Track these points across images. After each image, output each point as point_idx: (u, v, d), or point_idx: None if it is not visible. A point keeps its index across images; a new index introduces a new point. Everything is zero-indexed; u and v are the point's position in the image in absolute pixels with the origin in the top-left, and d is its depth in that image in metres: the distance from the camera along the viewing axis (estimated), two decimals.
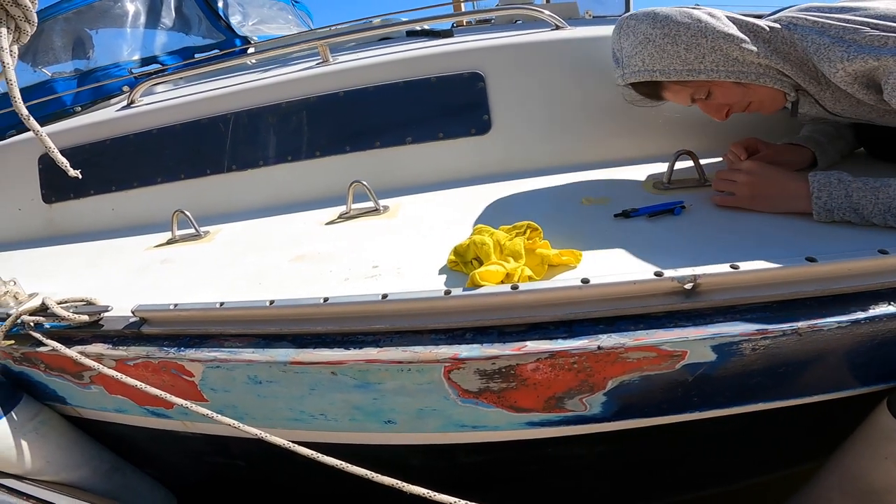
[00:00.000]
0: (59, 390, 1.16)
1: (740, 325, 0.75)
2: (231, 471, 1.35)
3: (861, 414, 0.87)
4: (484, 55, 1.42)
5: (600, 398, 0.83)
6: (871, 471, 0.85)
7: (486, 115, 1.39)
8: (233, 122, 1.54)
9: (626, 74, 1.07)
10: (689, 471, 1.16)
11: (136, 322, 1.02)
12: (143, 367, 0.99)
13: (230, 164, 1.53)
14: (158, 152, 1.60)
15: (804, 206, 0.94)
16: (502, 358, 0.79)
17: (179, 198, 1.53)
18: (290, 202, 1.48)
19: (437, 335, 0.84)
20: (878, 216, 0.88)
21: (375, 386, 0.88)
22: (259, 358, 0.89)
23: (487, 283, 0.85)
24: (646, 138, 1.33)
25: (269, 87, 1.54)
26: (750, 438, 1.00)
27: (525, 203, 1.22)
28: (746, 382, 0.80)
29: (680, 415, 0.87)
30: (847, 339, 0.76)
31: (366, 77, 1.47)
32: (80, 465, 1.23)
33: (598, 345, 0.77)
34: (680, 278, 0.77)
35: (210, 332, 0.96)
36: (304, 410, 0.97)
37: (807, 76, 0.99)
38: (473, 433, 0.93)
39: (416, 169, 1.43)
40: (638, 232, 1.01)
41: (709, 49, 0.97)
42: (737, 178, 1.02)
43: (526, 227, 0.98)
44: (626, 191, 1.18)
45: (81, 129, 1.68)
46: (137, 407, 1.10)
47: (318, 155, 1.48)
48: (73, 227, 1.68)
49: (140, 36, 2.43)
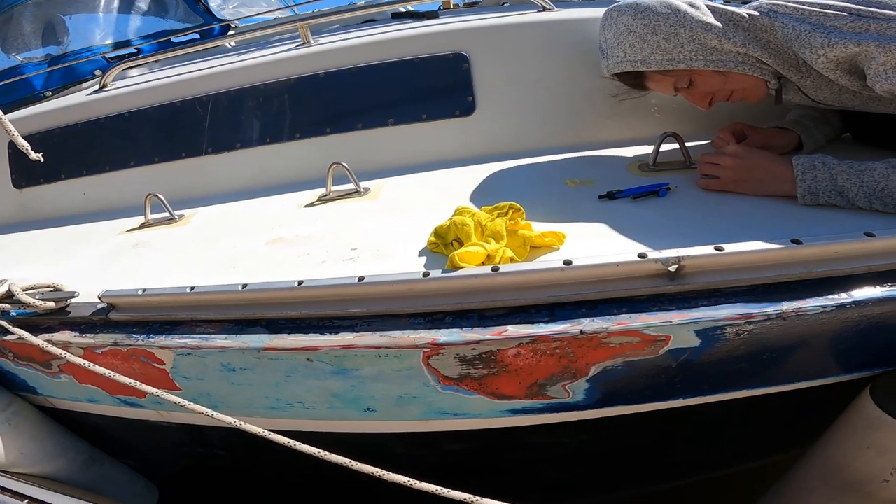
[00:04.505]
0: (29, 380, 1.13)
1: (724, 309, 0.74)
2: (211, 460, 1.33)
3: (844, 402, 0.86)
4: (468, 36, 1.39)
5: (583, 385, 0.82)
6: (853, 460, 0.84)
7: (471, 97, 1.37)
8: (210, 105, 1.50)
9: (610, 65, 1.09)
10: (672, 459, 1.16)
11: (103, 308, 0.99)
12: (112, 354, 0.96)
13: (207, 147, 1.49)
14: (132, 135, 1.55)
15: (789, 189, 0.94)
16: (483, 343, 0.77)
17: (154, 181, 1.49)
18: (268, 185, 1.45)
19: (415, 319, 0.82)
20: (864, 199, 0.88)
21: (353, 372, 0.85)
22: (232, 344, 0.87)
23: (467, 264, 0.83)
24: (632, 121, 1.31)
25: (247, 70, 1.50)
26: (734, 426, 1.00)
27: (509, 184, 1.21)
28: (730, 369, 0.80)
29: (664, 402, 0.86)
30: (831, 325, 0.75)
31: (347, 58, 1.44)
32: (56, 457, 1.20)
33: (581, 329, 0.75)
34: (664, 260, 0.75)
35: (180, 317, 0.93)
36: (280, 398, 0.95)
37: (787, 64, 0.99)
38: (456, 421, 0.92)
39: (398, 150, 1.40)
40: (622, 213, 0.99)
41: (687, 38, 0.99)
42: (722, 162, 1.02)
43: (508, 207, 0.96)
44: (611, 172, 1.17)
45: (51, 114, 1.64)
46: (109, 396, 1.07)
47: (297, 137, 1.44)
48: (44, 212, 1.63)
49: (114, 20, 2.36)
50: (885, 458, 0.79)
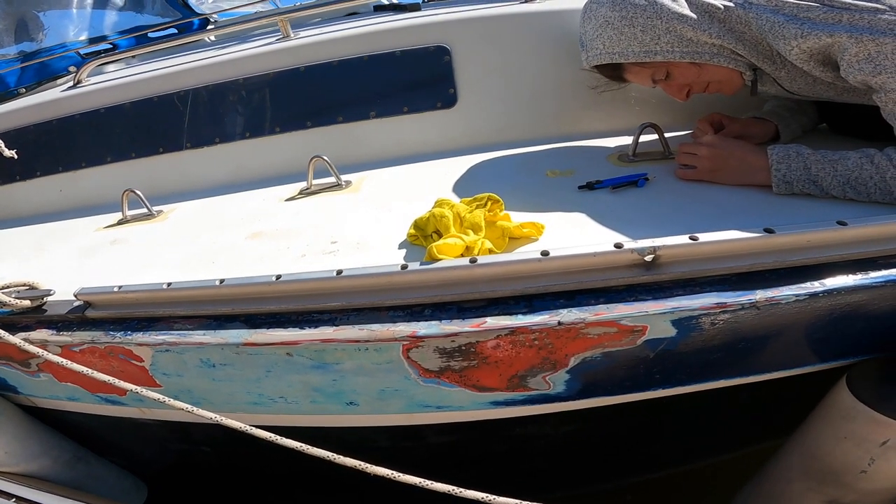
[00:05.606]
0: (9, 379, 1.12)
1: (699, 299, 0.75)
2: (197, 457, 1.32)
3: (822, 391, 0.87)
4: (450, 28, 1.38)
5: (563, 376, 0.82)
6: (830, 450, 0.84)
7: (452, 89, 1.36)
8: (188, 99, 1.48)
9: (589, 58, 1.10)
10: (654, 450, 1.17)
11: (80, 306, 0.97)
12: (90, 352, 0.95)
13: (186, 142, 1.47)
14: (108, 132, 1.53)
15: (764, 179, 0.95)
16: (462, 335, 0.77)
17: (132, 177, 1.47)
18: (248, 179, 1.43)
19: (395, 312, 0.82)
20: (838, 188, 0.89)
21: (333, 366, 0.85)
22: (210, 340, 0.86)
23: (445, 256, 0.83)
24: (612, 112, 1.32)
25: (226, 64, 1.48)
26: (713, 417, 1.01)
27: (489, 176, 1.21)
28: (707, 358, 0.80)
29: (643, 392, 0.86)
30: (805, 313, 0.76)
31: (327, 52, 1.43)
32: (40, 455, 1.20)
33: (559, 320, 0.76)
34: (640, 250, 0.75)
35: (158, 314, 0.92)
36: (262, 393, 0.94)
37: (761, 55, 1.00)
38: (438, 413, 0.92)
39: (380, 143, 1.40)
40: (601, 204, 1.00)
41: (663, 30, 0.99)
42: (698, 152, 1.03)
43: (487, 198, 0.96)
44: (591, 163, 1.17)
45: (24, 111, 1.60)
46: (89, 394, 1.06)
47: (278, 131, 1.43)
48: (20, 209, 1.60)
49: (89, 16, 2.31)
50: (863, 449, 0.79)
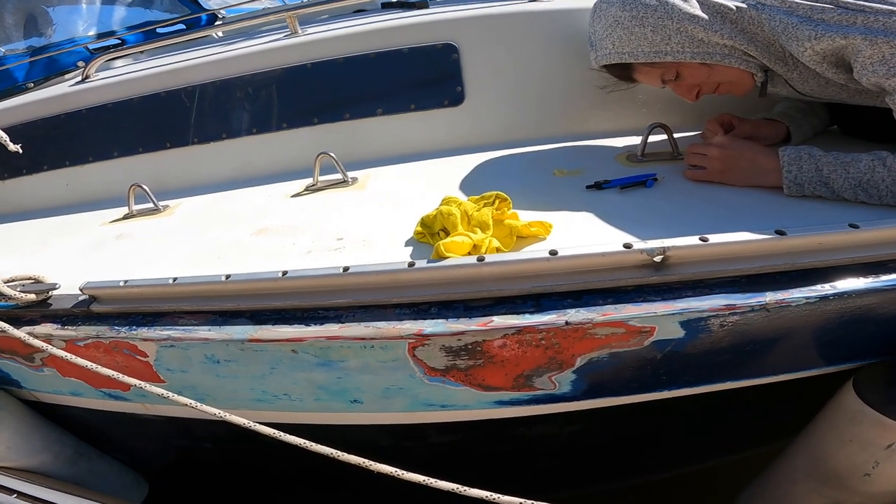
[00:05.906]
0: (12, 374, 1.12)
1: (708, 300, 0.74)
2: (199, 453, 1.32)
3: (828, 394, 0.86)
4: (458, 26, 1.38)
5: (569, 376, 0.82)
6: (835, 453, 0.84)
7: (460, 87, 1.35)
8: (196, 95, 1.48)
9: (598, 57, 1.09)
10: (659, 451, 1.17)
11: (85, 300, 0.97)
12: (94, 347, 0.95)
13: (193, 137, 1.47)
14: (115, 126, 1.52)
15: (775, 181, 0.94)
16: (468, 333, 0.77)
17: (138, 172, 1.47)
18: (255, 175, 1.43)
19: (401, 310, 0.81)
20: (849, 191, 0.88)
21: (338, 364, 0.85)
22: (215, 336, 0.86)
23: (453, 254, 0.83)
24: (621, 112, 1.31)
25: (234, 59, 1.48)
26: (719, 418, 1.00)
27: (497, 174, 1.20)
28: (714, 360, 0.80)
29: (650, 394, 0.86)
30: (815, 316, 0.75)
31: (335, 48, 1.42)
32: (42, 451, 1.20)
33: (566, 320, 0.75)
34: (649, 250, 0.75)
35: (163, 309, 0.92)
36: (266, 390, 0.94)
37: (773, 56, 0.99)
38: (443, 412, 0.91)
39: (386, 141, 1.39)
40: (609, 204, 0.99)
41: (674, 31, 0.98)
42: (708, 153, 1.02)
43: (494, 197, 0.95)
44: (599, 163, 1.16)
45: (33, 105, 1.60)
46: (93, 389, 1.06)
47: (285, 127, 1.42)
48: (27, 203, 1.61)
49: (97, 11, 2.32)
50: (868, 452, 0.79)
